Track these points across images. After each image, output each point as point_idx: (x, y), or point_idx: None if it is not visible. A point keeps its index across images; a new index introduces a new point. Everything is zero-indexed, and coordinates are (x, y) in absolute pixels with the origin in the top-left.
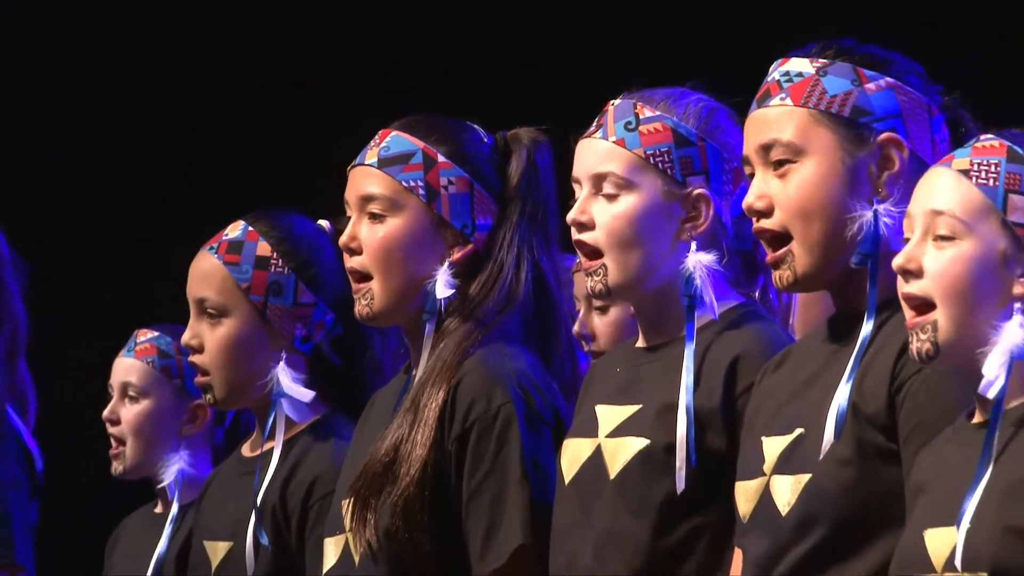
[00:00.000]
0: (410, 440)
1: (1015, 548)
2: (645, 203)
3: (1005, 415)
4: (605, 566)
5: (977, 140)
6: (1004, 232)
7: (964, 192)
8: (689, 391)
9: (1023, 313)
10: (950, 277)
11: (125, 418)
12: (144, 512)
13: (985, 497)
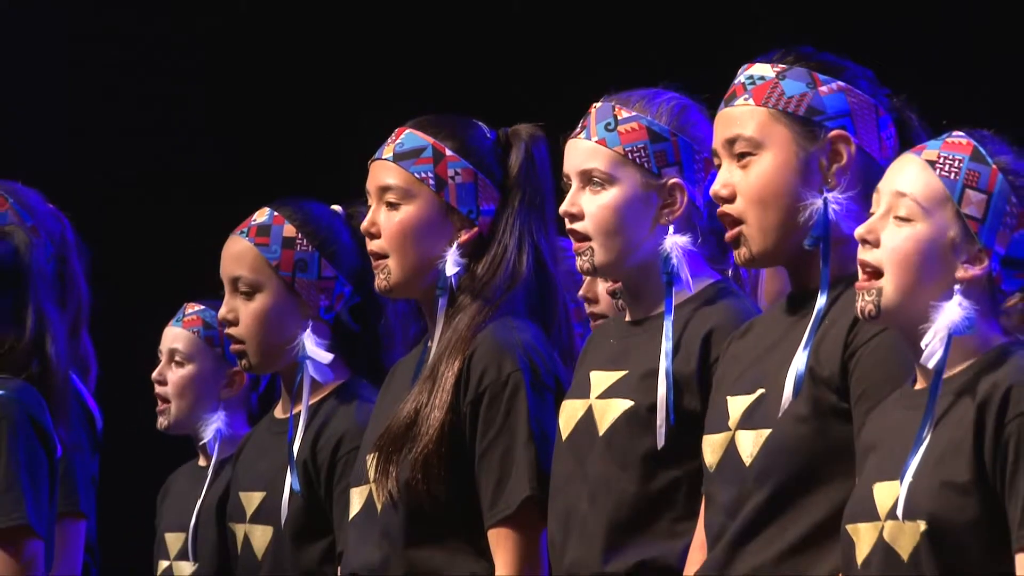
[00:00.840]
0: (429, 404)
1: (949, 500)
2: (626, 194)
3: (945, 383)
4: (598, 511)
5: (949, 135)
6: (956, 221)
7: (927, 180)
8: (669, 358)
9: (962, 294)
10: (902, 253)
11: (171, 380)
12: (189, 466)
13: (925, 456)
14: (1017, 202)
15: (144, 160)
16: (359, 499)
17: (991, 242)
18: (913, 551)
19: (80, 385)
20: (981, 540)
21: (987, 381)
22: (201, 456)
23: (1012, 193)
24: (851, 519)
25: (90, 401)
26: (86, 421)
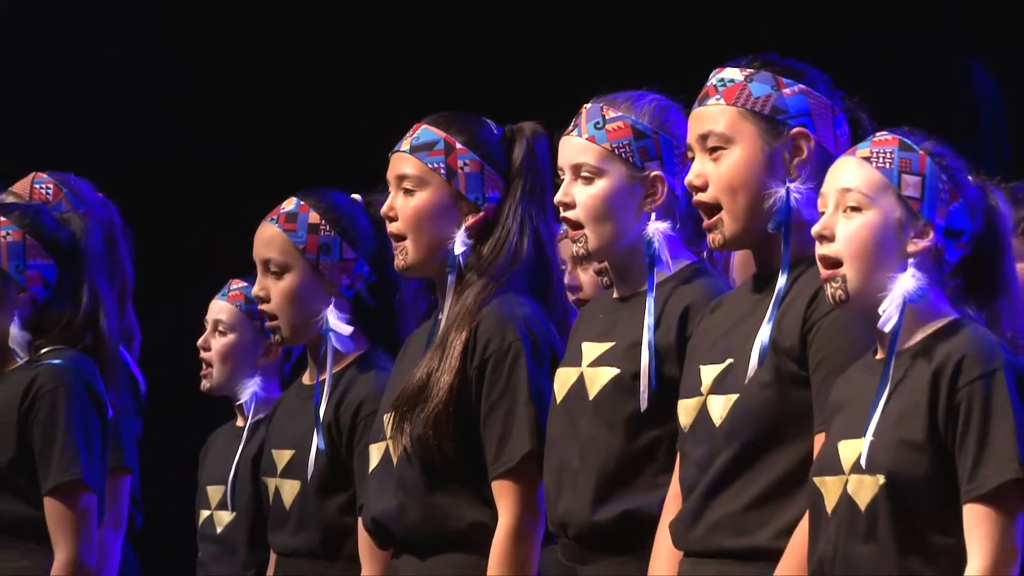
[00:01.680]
0: (439, 369)
1: (905, 456)
2: (613, 186)
3: (901, 352)
4: (588, 467)
5: (875, 136)
6: (899, 204)
7: (867, 174)
8: (651, 331)
9: (915, 267)
10: (857, 240)
11: (214, 347)
12: (228, 426)
13: (885, 417)
14: (947, 179)
15: (186, 153)
16: (377, 454)
17: (932, 216)
18: (871, 502)
19: (125, 353)
20: (933, 493)
21: (941, 351)
22: (239, 417)
23: (941, 172)
24: (818, 473)
25: (134, 368)
26: (131, 386)
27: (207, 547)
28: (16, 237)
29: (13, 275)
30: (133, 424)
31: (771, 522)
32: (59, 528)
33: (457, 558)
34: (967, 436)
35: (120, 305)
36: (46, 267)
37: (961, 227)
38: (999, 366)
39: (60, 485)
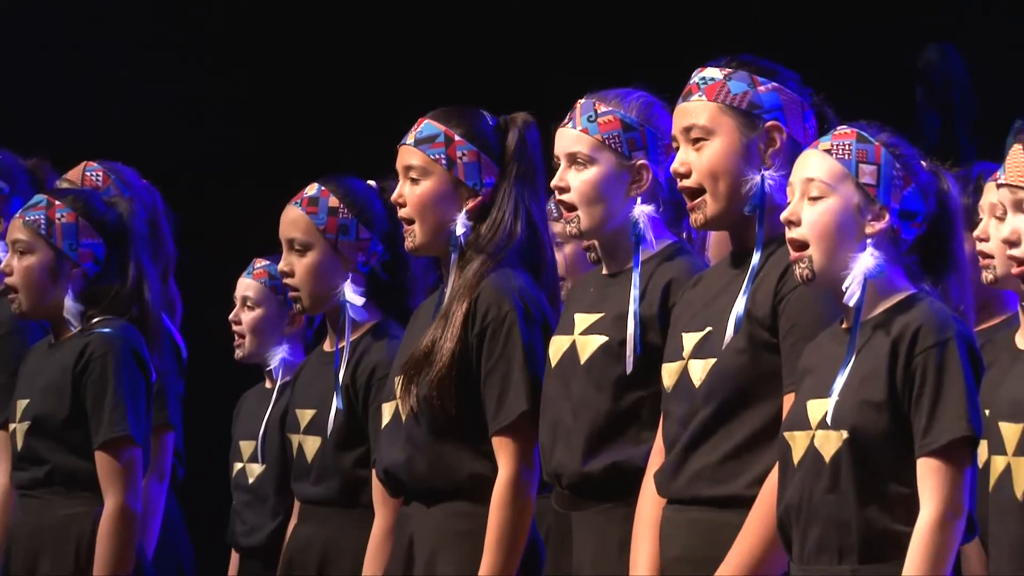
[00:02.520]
0: (443, 337)
1: (866, 414)
2: (604, 172)
3: (864, 323)
4: (579, 424)
5: (835, 129)
6: (857, 191)
7: (828, 164)
8: (636, 303)
9: (873, 246)
10: (820, 225)
11: (245, 320)
12: (258, 388)
13: (849, 379)
14: (900, 167)
15: (219, 139)
16: (388, 412)
17: (887, 200)
18: (835, 454)
19: (168, 322)
20: (890, 448)
21: (899, 322)
22: (268, 380)
23: (895, 160)
24: (788, 428)
25: (176, 334)
26: (174, 350)
27: (240, 496)
28: (70, 219)
29: (68, 253)
30: (176, 385)
31: (744, 472)
32: (108, 478)
33: (459, 506)
34: (922, 397)
35: (163, 279)
36: (96, 245)
37: (915, 209)
38: (952, 336)
39: (109, 440)
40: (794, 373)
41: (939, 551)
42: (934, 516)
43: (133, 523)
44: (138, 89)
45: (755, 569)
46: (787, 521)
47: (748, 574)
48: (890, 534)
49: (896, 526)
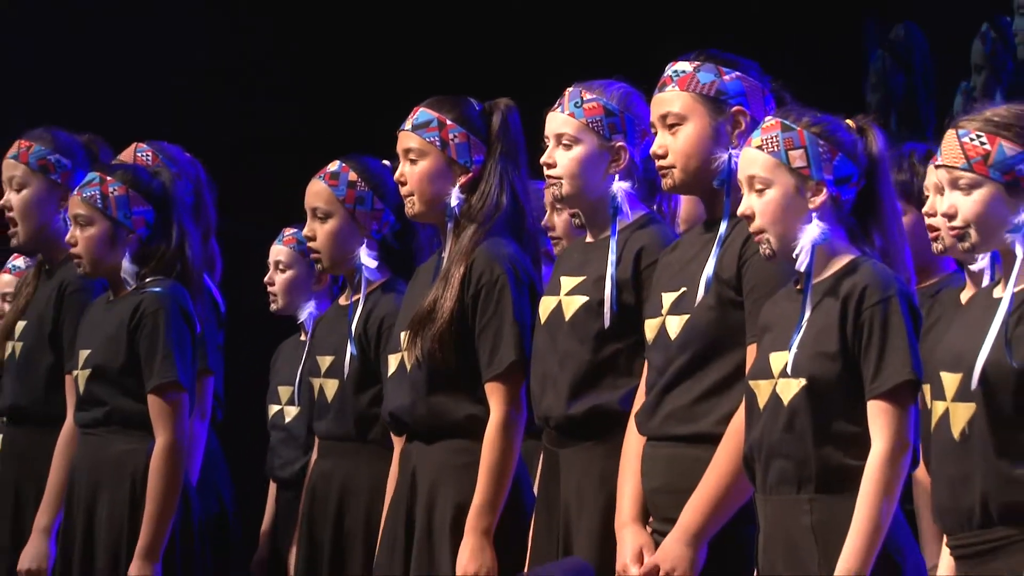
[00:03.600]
0: (443, 296)
1: (821, 364)
2: (587, 152)
3: (817, 284)
4: (564, 373)
5: (763, 123)
6: (793, 175)
7: (762, 159)
8: (613, 267)
9: (817, 217)
10: (769, 213)
11: (277, 281)
12: (293, 339)
13: (805, 334)
14: (824, 142)
15: (255, 119)
16: (394, 362)
17: (820, 175)
18: (793, 398)
19: (208, 279)
20: (842, 392)
21: (848, 283)
22: (302, 332)
23: (818, 138)
24: (753, 377)
25: (215, 291)
26: (212, 305)
27: (277, 434)
28: (121, 191)
29: (123, 221)
30: (215, 335)
31: (712, 412)
32: (159, 419)
33: (456, 443)
34: (870, 348)
35: (204, 240)
36: (146, 212)
37: (847, 172)
38: (894, 293)
39: (160, 385)
40: (755, 327)
41: (890, 481)
42: (885, 450)
43: (181, 458)
44: (186, 68)
45: (723, 498)
46: (752, 457)
47: (717, 502)
48: (843, 468)
49: (848, 461)
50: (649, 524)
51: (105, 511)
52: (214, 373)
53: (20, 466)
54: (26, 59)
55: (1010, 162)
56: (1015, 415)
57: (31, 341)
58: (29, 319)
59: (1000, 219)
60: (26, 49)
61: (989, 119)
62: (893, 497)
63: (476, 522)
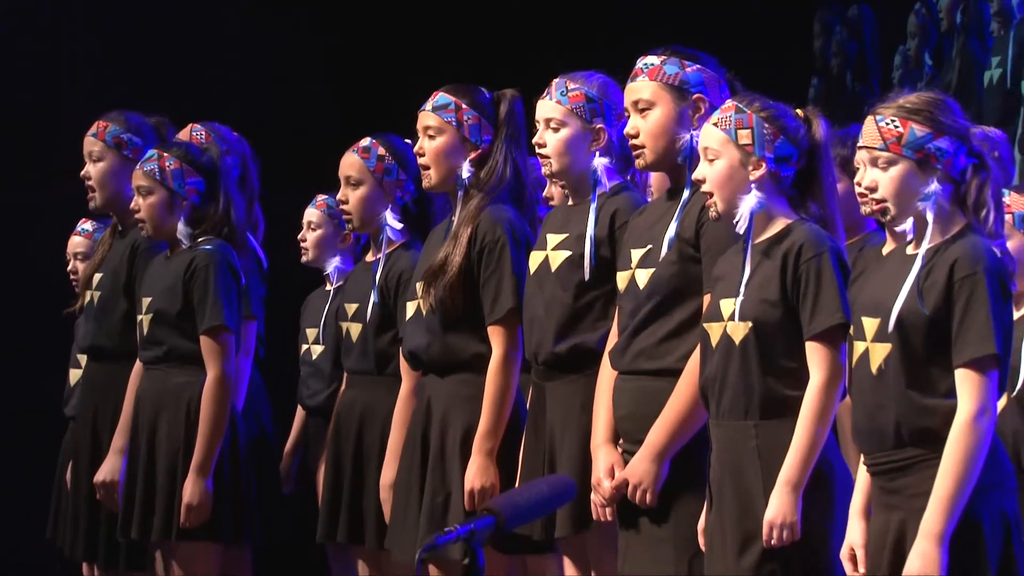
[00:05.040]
0: (453, 253)
1: (765, 309)
2: (572, 133)
3: (759, 243)
4: (550, 316)
5: (723, 105)
6: (739, 150)
7: (716, 135)
8: (592, 227)
9: (756, 188)
10: (716, 180)
11: (309, 238)
12: (320, 290)
13: (750, 284)
14: (769, 125)
15: (289, 97)
16: (412, 308)
17: (762, 153)
18: (743, 339)
19: (252, 239)
20: (783, 333)
21: (787, 242)
22: (327, 283)
23: (765, 121)
24: (707, 320)
25: (258, 249)
26: (256, 261)
27: (306, 369)
28: (176, 165)
29: (178, 190)
30: (257, 287)
31: (675, 351)
32: (210, 356)
33: (464, 376)
34: (806, 296)
35: (248, 206)
36: (198, 182)
37: (787, 153)
38: (826, 250)
39: (210, 327)
40: (710, 279)
41: (824, 407)
42: (821, 382)
43: (228, 389)
44: (241, 63)
45: (683, 423)
46: (707, 389)
47: (677, 427)
48: (784, 398)
49: (788, 392)
50: (619, 445)
51: (165, 434)
52: (257, 318)
53: (98, 396)
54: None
55: (920, 142)
56: (924, 354)
57: (107, 291)
58: (105, 272)
59: (913, 191)
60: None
61: (902, 106)
62: (827, 421)
63: (481, 444)
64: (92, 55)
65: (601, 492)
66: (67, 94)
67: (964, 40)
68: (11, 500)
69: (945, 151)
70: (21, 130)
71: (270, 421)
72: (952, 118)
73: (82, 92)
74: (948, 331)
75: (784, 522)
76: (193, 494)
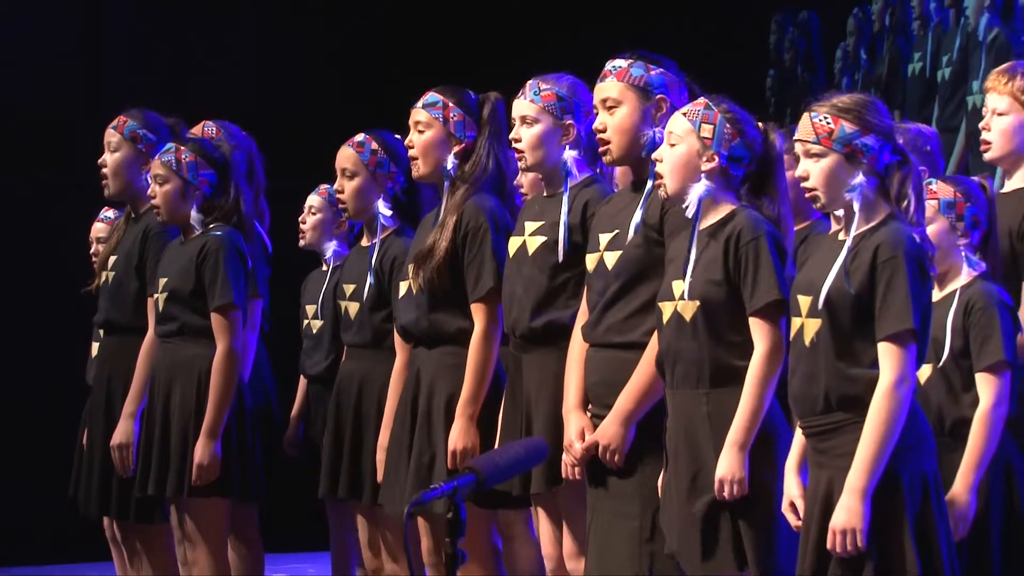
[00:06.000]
0: (440, 238)
1: (710, 288)
2: (544, 129)
3: (706, 228)
4: (526, 294)
5: (696, 100)
6: (699, 141)
7: (682, 123)
8: (565, 215)
9: (705, 178)
10: (671, 164)
11: (309, 222)
12: (317, 271)
13: (697, 266)
14: (731, 127)
15: (296, 88)
16: (404, 287)
17: (718, 148)
18: (693, 316)
19: (259, 226)
20: (728, 310)
21: (729, 226)
22: (324, 265)
23: (727, 122)
24: (660, 299)
25: (264, 235)
26: (261, 246)
27: (307, 341)
28: (191, 158)
29: (191, 181)
30: (263, 269)
31: (640, 326)
32: (219, 331)
33: (450, 349)
34: (747, 275)
35: (255, 198)
36: (210, 174)
37: (740, 155)
38: (763, 234)
39: (220, 305)
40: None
41: (768, 375)
42: (764, 353)
43: (236, 361)
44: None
45: (647, 390)
46: (663, 361)
47: (642, 394)
48: (731, 368)
49: (735, 362)
50: (589, 410)
51: (178, 400)
52: (262, 297)
53: (111, 366)
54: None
55: (849, 138)
56: (850, 328)
57: (121, 271)
58: (119, 254)
59: (841, 182)
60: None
61: (835, 104)
62: (770, 388)
63: (464, 409)
64: (125, 62)
65: (573, 453)
66: (105, 96)
67: (892, 39)
68: (38, 460)
69: (871, 147)
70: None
71: (274, 389)
72: (879, 118)
73: (115, 95)
74: (872, 308)
75: (733, 478)
76: (203, 455)
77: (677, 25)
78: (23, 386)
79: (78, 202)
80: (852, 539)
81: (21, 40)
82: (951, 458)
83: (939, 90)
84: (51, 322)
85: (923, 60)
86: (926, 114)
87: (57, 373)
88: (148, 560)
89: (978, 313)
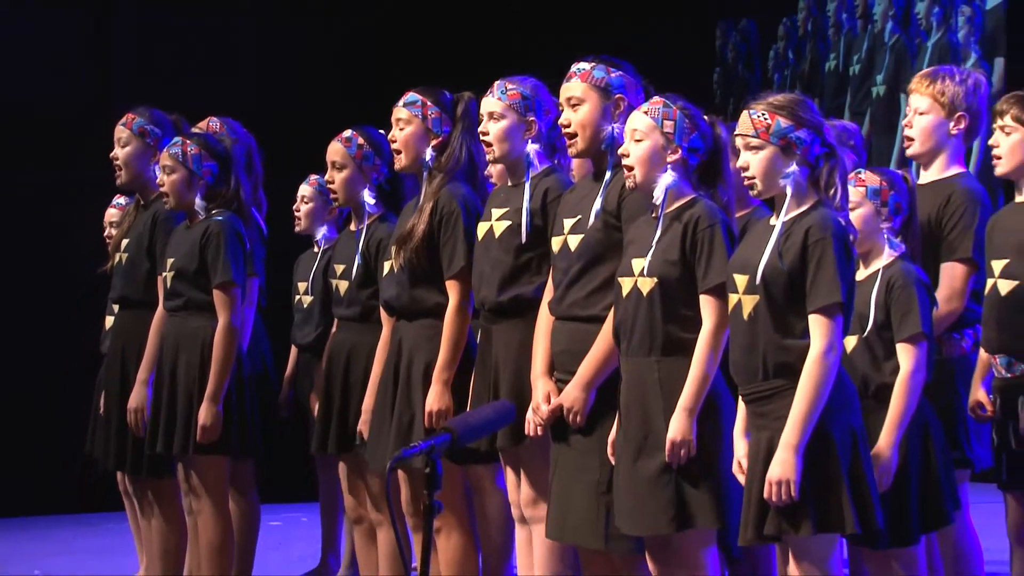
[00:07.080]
0: (418, 222)
1: (668, 267)
2: (510, 125)
3: (667, 214)
4: (493, 272)
5: (653, 99)
6: (662, 136)
7: (644, 121)
8: (527, 201)
9: (671, 169)
10: (638, 157)
11: (303, 210)
12: (309, 252)
13: (656, 246)
14: (689, 122)
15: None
16: (387, 266)
17: (680, 142)
18: (649, 292)
19: (256, 213)
20: (682, 288)
21: (688, 213)
22: (315, 246)
23: (686, 118)
24: (620, 275)
25: (261, 221)
26: (258, 230)
27: (299, 316)
28: (196, 150)
29: (196, 171)
30: (260, 250)
31: (601, 302)
32: (220, 306)
33: (427, 321)
34: (701, 258)
35: (254, 189)
36: (213, 166)
37: (697, 146)
38: (717, 222)
39: (221, 282)
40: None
41: (715, 347)
42: (711, 327)
43: (236, 334)
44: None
45: (606, 358)
46: (619, 331)
47: (602, 361)
48: (681, 340)
49: (685, 334)
50: (555, 376)
51: (184, 368)
52: (259, 275)
53: (125, 338)
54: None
55: (784, 132)
56: (784, 302)
57: (133, 252)
58: (131, 237)
59: (776, 171)
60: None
61: (771, 103)
62: (717, 358)
63: (439, 375)
64: (135, 64)
65: (540, 415)
66: (115, 95)
67: (813, 42)
68: (59, 421)
69: (804, 140)
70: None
71: (270, 357)
72: (811, 115)
73: (123, 94)
74: (803, 284)
75: (683, 439)
76: (207, 417)
77: (636, 29)
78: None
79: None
80: (787, 489)
81: (33, 45)
82: (874, 419)
83: (850, 83)
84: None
85: (837, 59)
86: (840, 102)
87: (75, 343)
88: (159, 510)
89: (899, 290)
